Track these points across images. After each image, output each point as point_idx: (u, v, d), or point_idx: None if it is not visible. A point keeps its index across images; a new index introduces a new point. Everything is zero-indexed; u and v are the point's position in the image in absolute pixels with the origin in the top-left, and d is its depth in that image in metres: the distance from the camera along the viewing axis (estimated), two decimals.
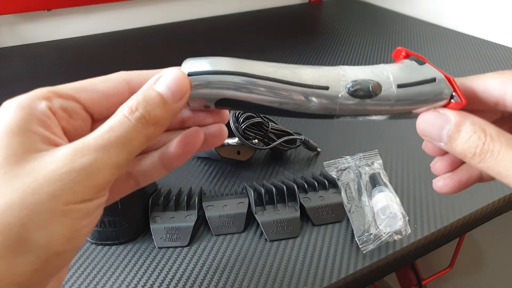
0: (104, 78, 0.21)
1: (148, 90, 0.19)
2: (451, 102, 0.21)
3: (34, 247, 0.16)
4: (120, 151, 0.18)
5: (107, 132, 0.18)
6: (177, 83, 0.20)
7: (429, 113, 0.21)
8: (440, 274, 0.76)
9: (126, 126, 0.18)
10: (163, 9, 1.00)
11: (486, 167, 0.19)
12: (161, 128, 0.20)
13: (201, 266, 0.36)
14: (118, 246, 0.37)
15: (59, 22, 0.90)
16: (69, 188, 0.17)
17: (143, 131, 0.19)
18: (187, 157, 0.23)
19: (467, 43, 0.84)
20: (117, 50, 0.85)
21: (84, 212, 0.18)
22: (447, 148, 0.20)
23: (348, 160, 0.45)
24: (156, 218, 0.38)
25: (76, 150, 0.17)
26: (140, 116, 0.18)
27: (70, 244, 0.17)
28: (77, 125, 0.20)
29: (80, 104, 0.20)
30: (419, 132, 0.21)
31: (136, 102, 0.19)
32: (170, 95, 0.19)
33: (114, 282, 0.34)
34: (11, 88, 0.69)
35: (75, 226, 0.17)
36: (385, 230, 0.36)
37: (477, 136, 0.19)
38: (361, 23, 1.00)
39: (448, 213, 0.41)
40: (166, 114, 0.19)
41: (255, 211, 0.38)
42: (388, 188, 0.40)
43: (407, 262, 0.39)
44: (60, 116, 0.19)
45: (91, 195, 0.18)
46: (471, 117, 0.20)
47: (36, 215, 0.16)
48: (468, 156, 0.20)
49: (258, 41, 0.89)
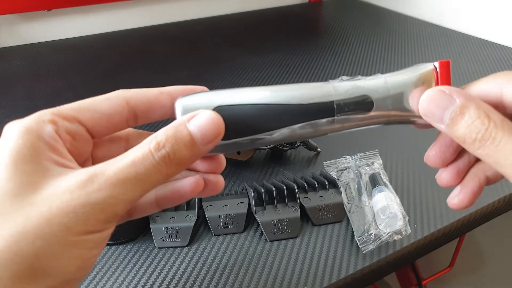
0: (105, 97, 0.21)
1: (180, 126, 0.19)
2: (438, 66, 0.21)
3: (45, 276, 0.17)
4: (137, 187, 0.18)
5: (128, 166, 0.18)
6: (210, 126, 0.19)
7: (433, 90, 0.20)
8: (440, 274, 0.76)
9: (148, 163, 0.18)
10: (163, 9, 1.00)
11: (484, 154, 0.18)
12: (183, 169, 0.19)
13: (201, 266, 0.36)
14: (118, 246, 0.37)
15: (59, 22, 0.90)
16: (82, 220, 0.17)
17: (164, 171, 0.18)
18: (183, 201, 0.24)
19: (467, 43, 0.84)
20: (117, 50, 0.85)
21: (95, 242, 0.18)
22: (447, 130, 0.20)
23: (348, 160, 0.45)
24: (156, 218, 0.38)
25: (94, 181, 0.17)
26: (165, 155, 0.18)
27: (80, 273, 0.18)
28: (80, 146, 0.20)
29: (82, 126, 0.20)
30: (421, 111, 0.21)
31: (165, 138, 0.18)
32: (200, 137, 0.19)
33: (114, 282, 0.34)
34: (11, 88, 0.69)
35: (86, 256, 0.18)
36: (385, 230, 0.36)
37: (481, 121, 0.18)
38: (361, 23, 1.00)
39: (448, 213, 0.41)
40: (191, 156, 0.19)
41: (255, 211, 0.38)
42: (388, 188, 0.40)
43: (407, 262, 0.39)
44: (65, 139, 0.19)
45: (102, 227, 0.18)
46: (477, 101, 0.19)
47: (49, 245, 0.16)
48: (467, 141, 0.19)
49: (258, 41, 0.89)
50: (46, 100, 0.64)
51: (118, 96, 0.21)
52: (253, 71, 0.73)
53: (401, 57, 0.78)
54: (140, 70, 0.75)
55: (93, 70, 0.75)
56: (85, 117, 0.20)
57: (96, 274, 0.35)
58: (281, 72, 0.73)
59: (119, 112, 0.21)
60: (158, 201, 0.23)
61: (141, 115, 0.21)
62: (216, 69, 0.74)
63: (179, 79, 0.70)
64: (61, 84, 0.70)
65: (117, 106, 0.21)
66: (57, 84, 0.70)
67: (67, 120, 0.20)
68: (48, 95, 0.66)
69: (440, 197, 0.43)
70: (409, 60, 0.77)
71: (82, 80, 0.71)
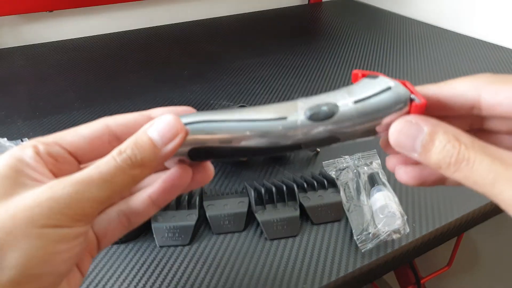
0: (87, 124, 0.23)
1: (140, 133, 0.21)
2: (413, 106, 0.21)
3: (6, 267, 0.17)
4: (103, 187, 0.19)
5: (92, 169, 0.19)
6: (168, 127, 0.21)
7: (400, 122, 0.20)
8: (438, 272, 0.77)
9: (111, 165, 0.20)
10: (164, 11, 1.01)
11: (462, 177, 0.18)
12: (149, 170, 0.21)
13: (202, 265, 0.36)
14: (120, 245, 0.38)
15: (61, 23, 0.91)
16: (46, 213, 0.18)
17: (129, 171, 0.20)
18: (176, 194, 0.25)
19: (466, 44, 0.85)
20: (119, 51, 0.85)
21: (60, 236, 0.19)
22: (422, 158, 0.20)
23: (347, 160, 0.45)
24: (158, 217, 0.38)
25: (59, 182, 0.19)
26: (126, 157, 0.20)
27: (45, 267, 0.18)
28: (64, 168, 0.22)
29: (63, 149, 0.22)
30: (393, 143, 0.21)
31: (126, 144, 0.20)
32: (159, 138, 0.20)
33: (115, 281, 0.35)
34: (13, 88, 0.69)
35: (50, 249, 0.18)
36: (384, 229, 0.36)
37: (451, 145, 0.18)
38: (360, 24, 1.00)
39: (446, 212, 0.41)
40: (154, 157, 0.20)
41: (255, 210, 0.39)
42: (386, 188, 0.40)
43: (406, 261, 0.39)
44: (46, 160, 0.21)
45: (68, 222, 0.19)
46: (444, 126, 0.19)
47: (12, 237, 0.17)
48: (443, 166, 0.19)
49: (258, 42, 0.90)
50: (48, 101, 0.64)
51: (98, 122, 0.23)
52: (252, 71, 0.74)
53: (400, 58, 0.79)
54: (141, 71, 0.75)
55: (94, 71, 0.76)
56: (66, 141, 0.22)
57: (98, 273, 0.35)
58: (280, 73, 0.73)
59: (99, 135, 0.22)
60: (152, 197, 0.24)
61: (122, 137, 0.23)
62: (216, 70, 0.75)
63: (180, 79, 0.70)
64: (63, 85, 0.70)
65: (97, 130, 0.22)
66: (59, 84, 0.70)
67: (48, 145, 0.21)
68: (50, 96, 0.66)
69: (439, 196, 0.43)
70: (409, 61, 0.77)
71: (84, 81, 0.72)
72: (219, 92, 0.66)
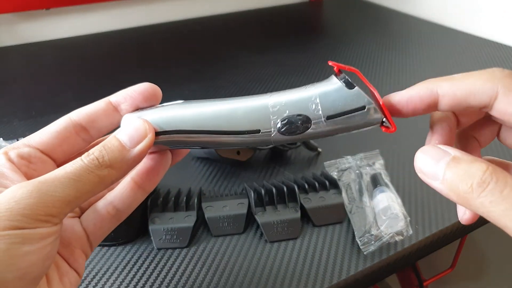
0: (53, 122, 0.23)
1: (109, 137, 0.22)
2: (382, 128, 0.22)
3: None
4: (67, 187, 0.19)
5: (59, 169, 0.20)
6: (136, 130, 0.22)
7: (429, 149, 0.21)
8: (441, 275, 0.76)
9: (77, 166, 0.20)
10: (162, 8, 1.00)
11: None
12: (118, 172, 0.21)
13: (200, 267, 0.35)
14: (117, 247, 0.37)
15: (57, 21, 0.90)
16: (6, 215, 0.17)
17: (95, 172, 0.20)
18: (160, 175, 0.25)
19: (470, 43, 0.84)
20: (117, 49, 0.85)
21: (23, 238, 0.18)
22: (442, 186, 0.20)
23: (349, 160, 0.44)
24: (155, 219, 0.37)
25: (24, 183, 0.19)
26: (93, 158, 0.20)
27: (11, 272, 0.17)
28: (39, 168, 0.22)
29: (34, 148, 0.22)
30: (417, 169, 0.22)
31: (95, 148, 0.21)
32: (128, 140, 0.21)
33: (112, 283, 0.34)
34: (9, 87, 0.68)
35: (13, 252, 0.17)
36: (386, 231, 0.36)
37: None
38: (361, 22, 1.00)
39: (449, 214, 0.40)
40: (121, 158, 0.21)
41: (255, 211, 0.38)
42: (389, 189, 0.39)
43: (409, 263, 0.39)
44: (19, 164, 0.21)
45: (30, 224, 0.18)
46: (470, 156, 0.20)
47: None
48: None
49: (257, 40, 0.89)
50: (44, 99, 0.63)
51: (62, 117, 0.24)
52: (253, 69, 0.73)
53: (402, 57, 0.78)
54: (139, 69, 0.74)
55: (92, 69, 0.75)
56: (35, 140, 0.22)
57: (95, 275, 0.34)
58: (280, 71, 0.72)
59: (64, 128, 0.23)
60: (136, 179, 0.25)
61: (87, 125, 0.23)
62: (216, 68, 0.74)
63: (179, 77, 0.69)
64: (60, 83, 0.69)
65: (61, 124, 0.23)
66: (56, 83, 0.70)
67: (18, 148, 0.22)
68: (46, 94, 0.65)
69: (442, 198, 0.42)
70: (412, 60, 0.77)
71: (81, 79, 0.71)
72: (218, 91, 0.66)
